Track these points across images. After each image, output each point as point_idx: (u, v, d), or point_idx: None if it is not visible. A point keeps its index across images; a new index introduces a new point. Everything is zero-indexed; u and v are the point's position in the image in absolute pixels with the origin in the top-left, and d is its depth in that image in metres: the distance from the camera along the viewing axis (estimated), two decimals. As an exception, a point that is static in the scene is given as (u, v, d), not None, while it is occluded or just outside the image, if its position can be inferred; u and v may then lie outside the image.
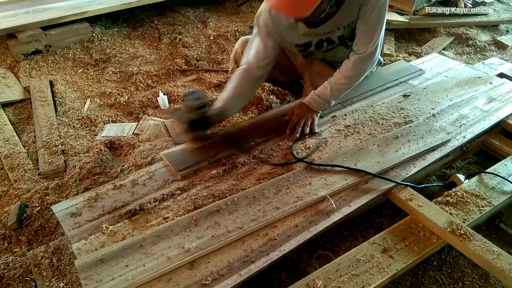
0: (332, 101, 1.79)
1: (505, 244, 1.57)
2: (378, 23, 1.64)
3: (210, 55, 2.95)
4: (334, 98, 1.77)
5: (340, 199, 1.43)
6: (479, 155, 1.95)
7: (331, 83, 1.74)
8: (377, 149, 1.62)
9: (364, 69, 1.75)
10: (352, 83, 1.77)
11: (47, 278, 1.41)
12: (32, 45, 2.78)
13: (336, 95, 1.77)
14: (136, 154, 1.92)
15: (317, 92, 1.75)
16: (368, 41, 1.66)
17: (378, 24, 1.64)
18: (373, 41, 1.66)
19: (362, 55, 1.69)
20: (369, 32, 1.65)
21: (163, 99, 2.36)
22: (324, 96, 1.74)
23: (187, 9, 3.58)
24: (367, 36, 1.66)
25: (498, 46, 3.05)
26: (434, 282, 1.42)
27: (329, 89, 1.73)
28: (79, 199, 1.46)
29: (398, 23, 3.14)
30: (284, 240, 1.29)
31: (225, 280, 1.17)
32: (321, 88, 1.75)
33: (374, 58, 1.72)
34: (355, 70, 1.72)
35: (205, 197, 1.45)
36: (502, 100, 1.97)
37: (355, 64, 1.71)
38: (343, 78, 1.73)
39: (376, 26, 1.64)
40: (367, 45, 1.67)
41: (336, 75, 1.75)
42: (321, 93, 1.74)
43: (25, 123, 2.27)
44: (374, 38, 1.65)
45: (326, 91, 1.74)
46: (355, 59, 1.71)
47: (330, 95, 1.74)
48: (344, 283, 1.20)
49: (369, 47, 1.67)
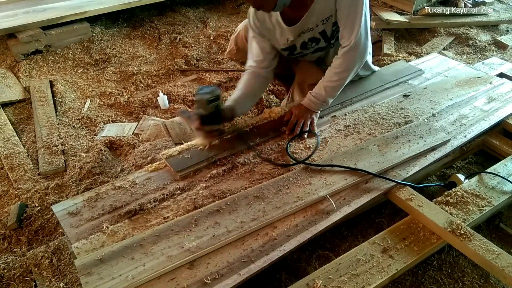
0: (329, 100, 1.78)
1: (505, 244, 1.57)
2: (356, 12, 1.63)
3: (210, 55, 2.95)
4: (330, 96, 1.77)
5: (340, 199, 1.43)
6: (479, 155, 1.95)
7: (324, 82, 1.74)
8: (377, 149, 1.62)
9: (353, 62, 1.73)
10: (344, 79, 1.76)
11: (47, 278, 1.41)
12: (32, 45, 2.78)
13: (331, 93, 1.76)
14: (136, 154, 1.92)
15: (313, 93, 1.75)
16: (350, 32, 1.66)
17: (356, 14, 1.63)
18: (355, 31, 1.65)
19: (347, 47, 1.69)
20: (348, 23, 1.65)
21: (163, 99, 2.36)
22: (320, 96, 1.74)
23: (187, 9, 3.58)
24: (349, 28, 1.66)
25: (498, 46, 3.05)
26: (434, 282, 1.42)
27: (323, 88, 1.74)
28: (79, 199, 1.47)
29: (398, 23, 3.13)
30: (284, 240, 1.29)
31: (225, 280, 1.17)
32: (316, 88, 1.76)
33: (360, 48, 1.70)
34: (344, 64, 1.72)
35: (205, 197, 1.45)
36: (502, 100, 1.97)
37: (342, 58, 1.71)
38: (334, 74, 1.73)
39: (355, 16, 1.64)
40: (350, 37, 1.67)
41: (327, 73, 1.76)
42: (316, 93, 1.75)
43: (25, 123, 2.27)
44: (355, 27, 1.65)
45: (321, 91, 1.74)
46: (341, 53, 1.71)
47: (325, 94, 1.74)
48: (344, 283, 1.20)
49: (352, 38, 1.66)
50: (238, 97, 1.73)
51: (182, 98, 2.46)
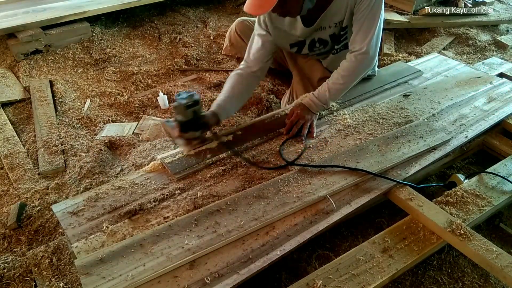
0: (330, 103, 1.79)
1: (505, 244, 1.57)
2: (374, 19, 1.65)
3: (210, 55, 2.94)
4: (332, 99, 1.78)
5: (340, 199, 1.43)
6: (479, 155, 1.95)
7: (329, 84, 1.74)
8: (377, 149, 1.62)
9: (361, 68, 1.74)
10: (349, 83, 1.76)
11: (47, 278, 1.41)
12: (32, 45, 2.77)
13: (334, 96, 1.77)
14: (136, 153, 1.92)
15: (315, 94, 1.75)
16: (364, 38, 1.67)
17: (374, 21, 1.65)
18: (368, 38, 1.66)
19: (358, 52, 1.69)
20: (364, 28, 1.66)
21: (163, 99, 2.36)
22: (323, 97, 1.74)
23: (187, 9, 3.58)
24: (363, 33, 1.67)
25: (498, 46, 3.05)
26: (434, 282, 1.42)
27: (327, 90, 1.73)
28: (79, 198, 1.47)
29: (398, 23, 3.13)
30: (284, 240, 1.29)
31: (225, 280, 1.17)
32: (319, 90, 1.76)
33: (370, 55, 1.71)
34: (352, 68, 1.72)
35: (205, 197, 1.45)
36: (502, 100, 1.97)
37: (351, 62, 1.72)
38: (340, 77, 1.73)
39: (372, 23, 1.65)
40: (363, 42, 1.67)
41: (333, 75, 1.76)
42: (319, 94, 1.74)
43: (25, 122, 2.27)
44: (370, 34, 1.66)
45: (325, 92, 1.74)
46: (351, 57, 1.72)
47: (328, 97, 1.74)
48: (344, 283, 1.20)
49: (365, 44, 1.67)
50: (222, 101, 1.69)
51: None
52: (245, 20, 2.10)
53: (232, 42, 2.10)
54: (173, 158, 1.62)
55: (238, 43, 2.08)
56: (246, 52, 1.83)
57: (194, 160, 1.60)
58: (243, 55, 1.89)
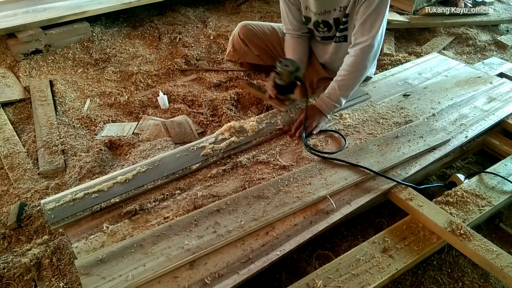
0: (343, 100, 1.78)
1: (505, 244, 1.57)
2: (380, 12, 1.65)
3: (210, 54, 2.94)
4: (343, 96, 1.76)
5: (340, 199, 1.43)
6: (479, 155, 1.95)
7: (338, 81, 1.74)
8: (377, 148, 1.62)
9: (365, 61, 1.73)
10: (356, 78, 1.76)
11: (47, 278, 1.41)
12: (32, 45, 2.78)
13: (345, 92, 1.76)
14: (136, 153, 1.92)
15: (326, 94, 1.75)
16: (369, 30, 1.67)
17: (380, 14, 1.65)
18: (374, 30, 1.67)
19: (363, 45, 1.69)
20: (370, 20, 1.66)
21: (163, 99, 2.36)
22: (334, 95, 1.74)
23: (187, 9, 3.58)
24: (369, 25, 1.67)
25: (498, 46, 3.05)
26: (434, 282, 1.42)
27: (336, 86, 1.73)
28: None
29: (398, 23, 3.13)
30: (284, 240, 1.29)
31: (225, 280, 1.17)
32: (329, 89, 1.76)
33: (375, 48, 1.71)
34: (356, 62, 1.72)
35: (205, 197, 1.45)
36: (502, 100, 1.97)
37: (355, 56, 1.72)
38: (347, 73, 1.73)
39: (377, 16, 1.65)
40: (368, 34, 1.67)
41: (340, 72, 1.76)
42: (330, 93, 1.74)
43: (25, 122, 2.27)
44: (375, 27, 1.67)
45: (334, 90, 1.74)
46: (355, 51, 1.72)
47: (339, 93, 1.74)
48: (344, 283, 1.20)
49: (370, 36, 1.67)
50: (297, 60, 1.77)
51: (182, 97, 2.45)
52: (248, 24, 2.09)
53: (235, 47, 2.09)
54: (56, 203, 1.39)
55: (241, 48, 2.07)
56: (283, 22, 1.94)
57: (81, 206, 1.38)
58: (246, 60, 1.91)
